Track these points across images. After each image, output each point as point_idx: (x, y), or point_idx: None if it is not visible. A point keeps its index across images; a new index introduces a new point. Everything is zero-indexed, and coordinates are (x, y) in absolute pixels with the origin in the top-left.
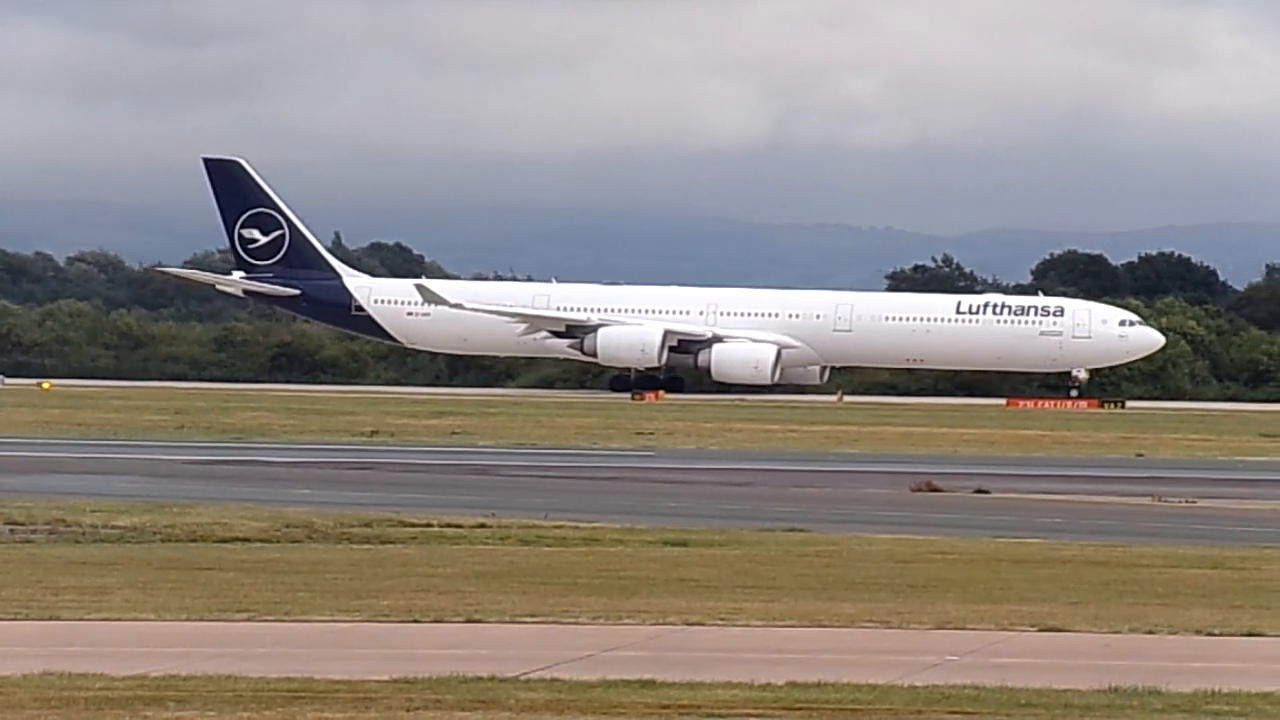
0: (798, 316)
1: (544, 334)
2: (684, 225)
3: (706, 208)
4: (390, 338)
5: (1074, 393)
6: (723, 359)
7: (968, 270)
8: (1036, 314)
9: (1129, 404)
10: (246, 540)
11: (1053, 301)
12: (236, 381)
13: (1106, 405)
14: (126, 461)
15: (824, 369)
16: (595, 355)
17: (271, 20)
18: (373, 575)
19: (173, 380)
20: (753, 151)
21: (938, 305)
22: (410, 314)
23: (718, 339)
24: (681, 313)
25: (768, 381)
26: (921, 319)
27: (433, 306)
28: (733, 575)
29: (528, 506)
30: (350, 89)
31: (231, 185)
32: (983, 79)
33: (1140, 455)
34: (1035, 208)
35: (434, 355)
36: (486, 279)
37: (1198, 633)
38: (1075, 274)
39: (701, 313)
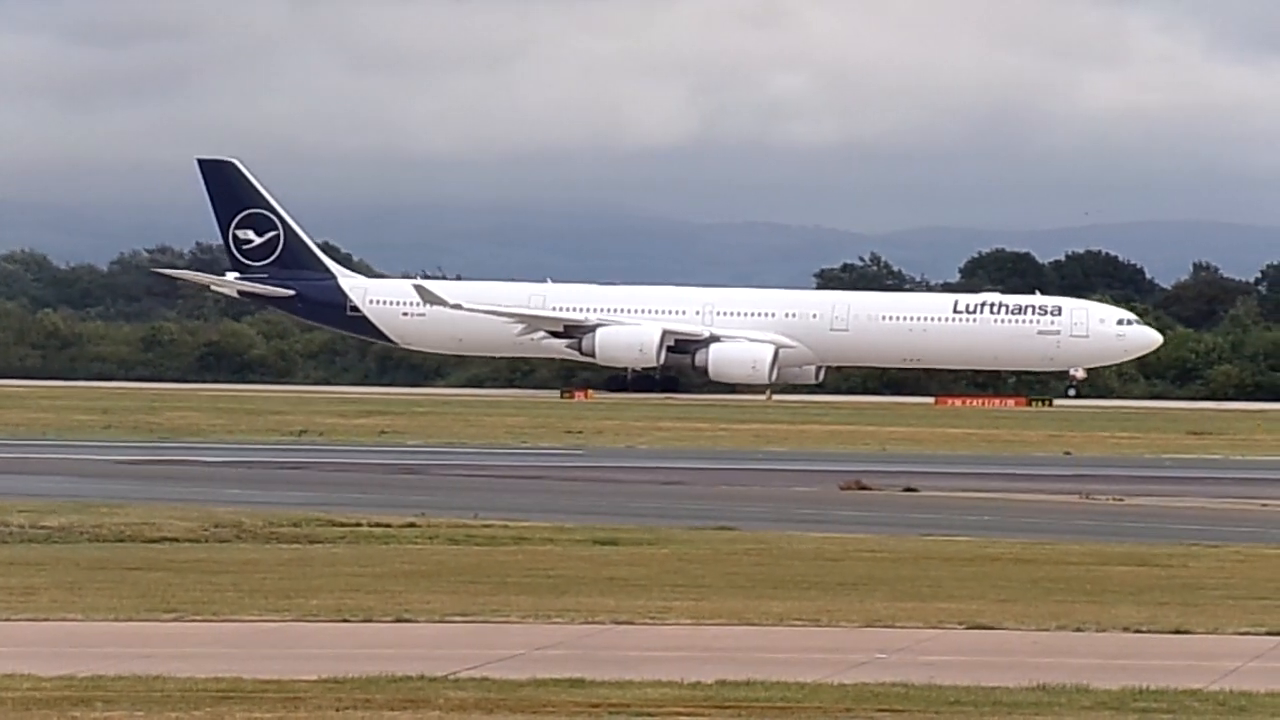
0: (794, 316)
1: (541, 334)
2: (613, 224)
3: (636, 206)
4: (385, 338)
5: (1072, 392)
6: (720, 359)
7: (896, 269)
8: (1034, 313)
9: (1056, 402)
10: (175, 540)
11: (1050, 300)
12: (164, 381)
13: (1034, 403)
14: (54, 461)
15: (819, 369)
16: (593, 355)
17: (198, 20)
18: (301, 575)
19: (100, 380)
20: (681, 150)
21: (935, 305)
22: (405, 314)
23: (715, 339)
24: (678, 312)
25: (765, 381)
26: (919, 318)
27: (428, 307)
28: (662, 574)
29: (457, 506)
30: (277, 88)
31: (226, 186)
32: (910, 77)
33: (1068, 453)
34: (963, 206)
35: (364, 353)
36: (412, 278)
37: (1125, 630)
38: (1003, 272)
39: (698, 312)
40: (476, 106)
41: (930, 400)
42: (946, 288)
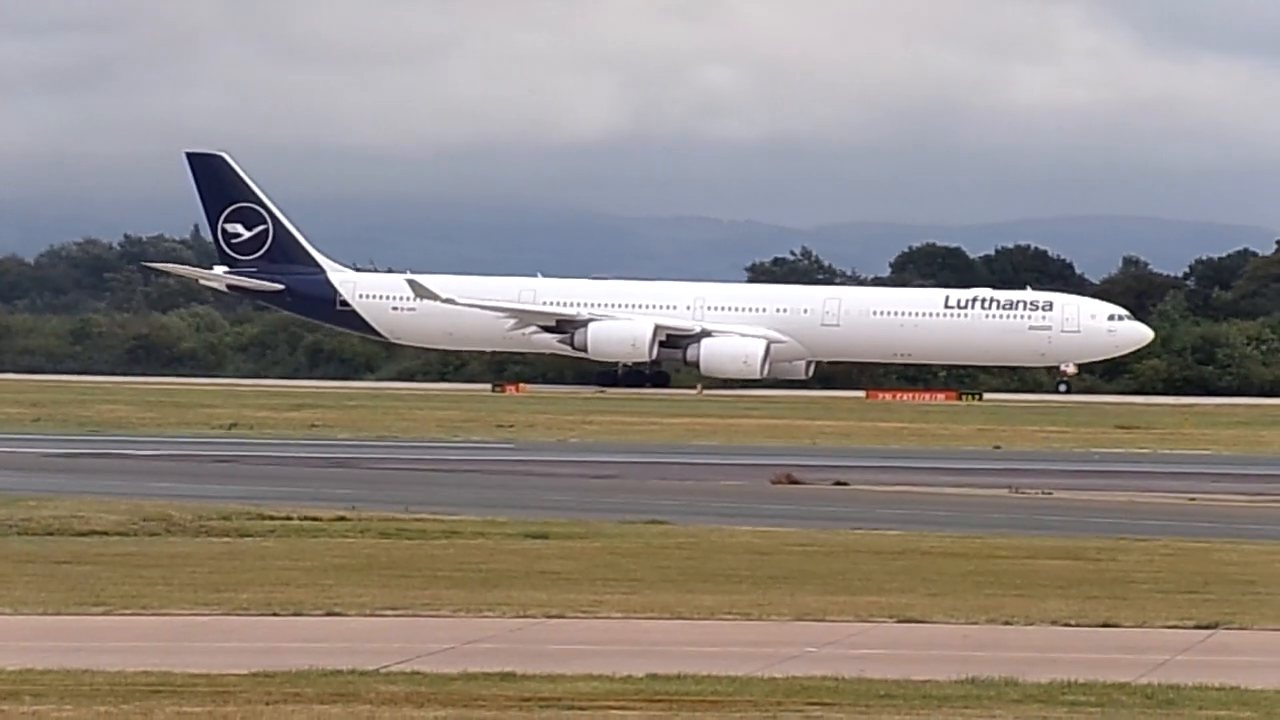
0: (785, 311)
1: (533, 329)
2: (545, 218)
3: (567, 200)
4: (375, 333)
5: (1062, 388)
6: (712, 354)
7: (826, 263)
8: (1025, 309)
9: (986, 396)
10: (104, 534)
11: (1041, 296)
12: (93, 374)
13: (964, 397)
14: None
15: (809, 364)
16: (585, 350)
17: (125, 12)
18: (231, 568)
19: (29, 373)
20: (612, 144)
21: (926, 300)
22: (395, 309)
23: (707, 334)
24: (669, 307)
25: (757, 376)
26: (910, 314)
27: (419, 301)
28: (593, 568)
29: (388, 499)
30: (206, 82)
31: (214, 180)
32: (841, 72)
33: (998, 447)
34: (893, 201)
35: (294, 347)
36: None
37: (1054, 624)
38: (934, 266)
39: (689, 307)
40: (408, 100)
41: (861, 394)
42: (877, 282)
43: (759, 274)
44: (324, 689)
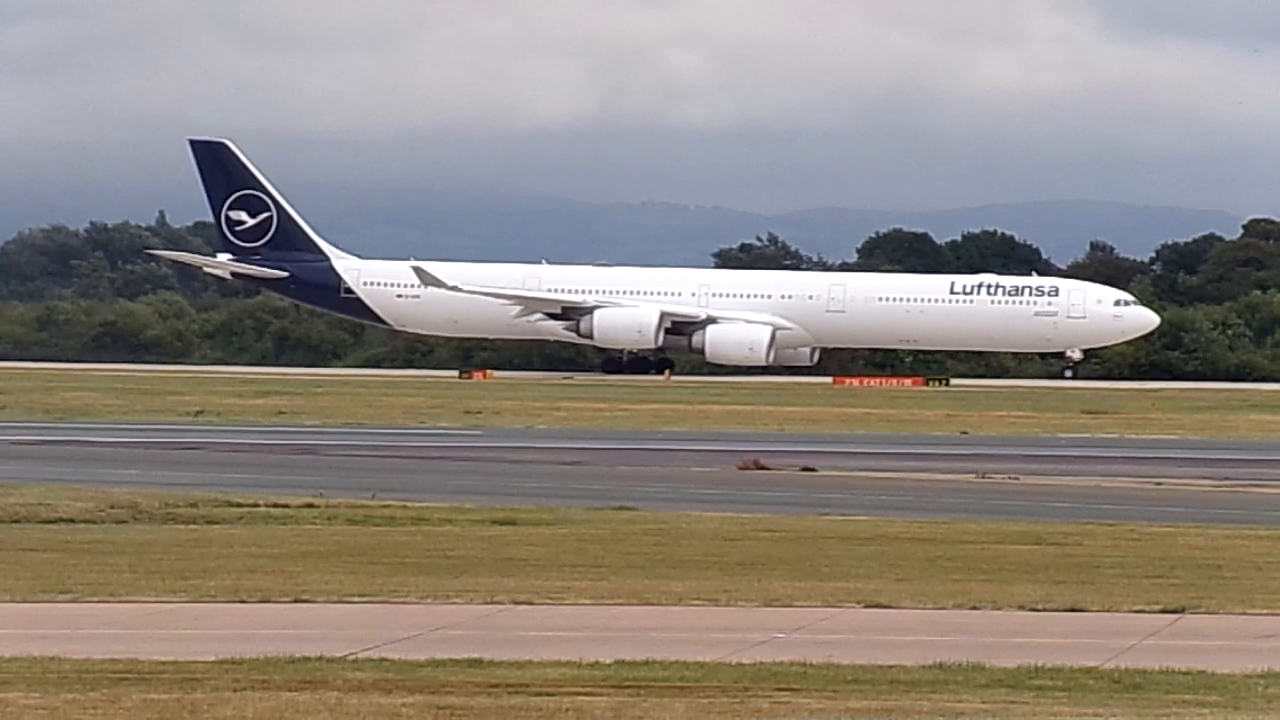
0: (790, 297)
1: (538, 316)
2: (510, 204)
3: (532, 186)
4: (380, 320)
5: (1068, 374)
6: (717, 340)
7: (794, 249)
8: (1031, 294)
9: (953, 381)
10: (71, 521)
11: (1047, 281)
12: (60, 361)
13: (931, 383)
14: None
15: (814, 350)
16: (591, 337)
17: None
18: (199, 556)
19: None
20: (577, 130)
21: (931, 286)
22: (400, 296)
23: (712, 320)
24: (674, 294)
25: (763, 362)
26: (915, 299)
27: (423, 288)
28: (561, 554)
29: (355, 486)
30: (169, 67)
31: (218, 167)
32: (806, 58)
33: (965, 433)
34: (860, 186)
35: (261, 334)
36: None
37: (1021, 608)
38: (901, 252)
39: (694, 294)
40: (370, 86)
41: (828, 380)
42: (844, 267)
43: (726, 260)
44: (291, 676)
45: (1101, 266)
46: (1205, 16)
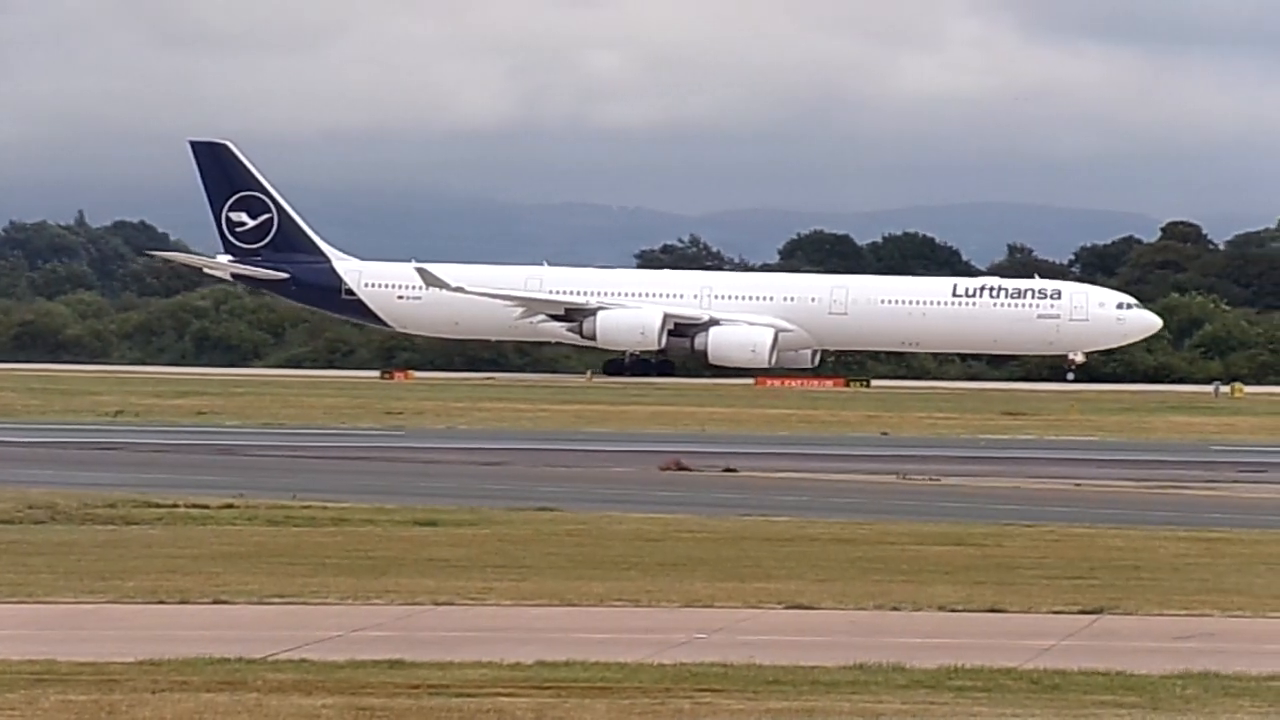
0: (793, 299)
1: (541, 317)
2: (433, 204)
3: (455, 187)
4: (381, 322)
5: (1070, 376)
6: (720, 342)
7: (715, 250)
8: (1033, 297)
9: (874, 383)
10: None
11: (1050, 284)
12: None
13: (852, 384)
14: None
15: (815, 352)
16: (594, 338)
17: None
18: (117, 556)
19: None
20: (501, 131)
21: (934, 288)
22: (401, 297)
23: (714, 322)
24: (676, 296)
25: (765, 365)
26: (917, 302)
27: (424, 290)
28: (482, 555)
29: (275, 487)
30: (90, 66)
31: (218, 168)
32: (729, 59)
33: (885, 434)
34: (782, 188)
35: (181, 334)
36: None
37: (941, 609)
38: (822, 253)
39: (696, 296)
40: (292, 86)
41: (750, 381)
42: (766, 268)
43: (648, 261)
44: (211, 677)
45: (1020, 268)
46: (1123, 20)
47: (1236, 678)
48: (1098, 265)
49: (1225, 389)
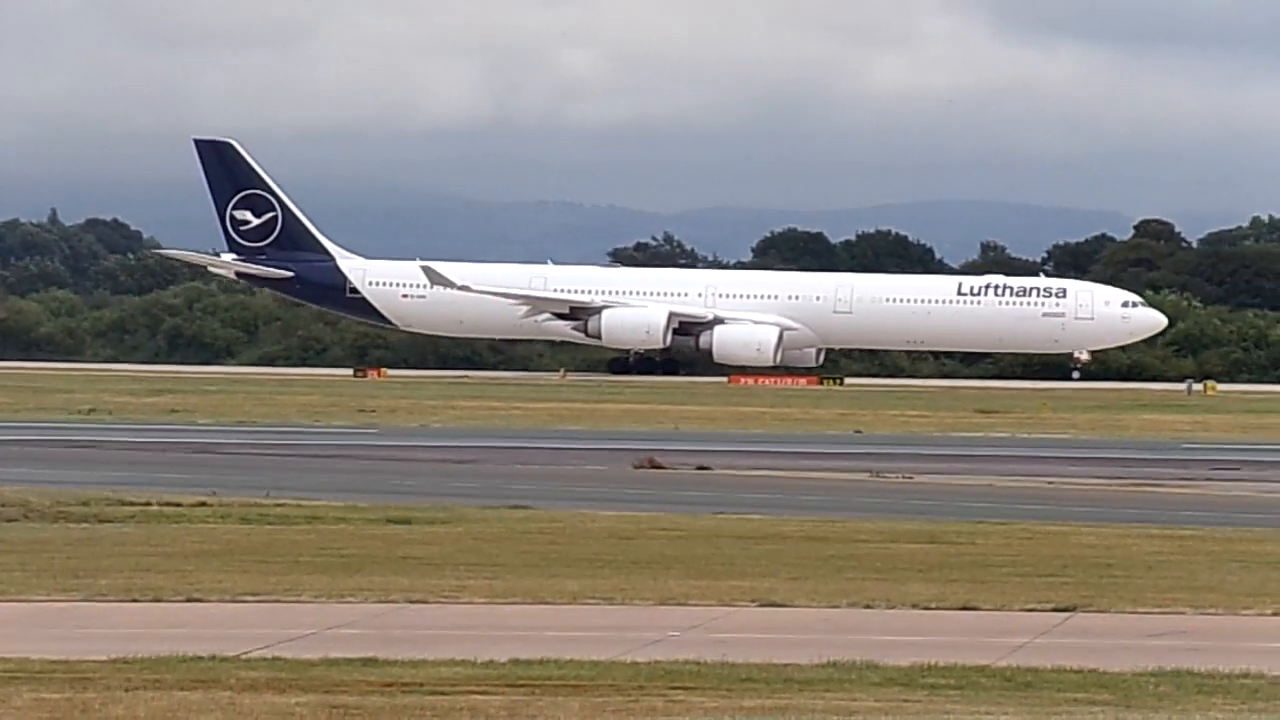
0: (797, 298)
1: (545, 316)
2: (406, 203)
3: (429, 185)
4: (385, 320)
5: (1076, 374)
6: (725, 341)
7: (689, 248)
8: (1039, 295)
9: (848, 381)
10: None
11: (1055, 283)
12: None
13: (825, 382)
14: None
15: (819, 351)
16: (599, 337)
17: None
18: (90, 554)
19: None
20: (474, 129)
21: (939, 287)
22: (405, 296)
23: (719, 321)
24: (680, 295)
25: (770, 363)
26: (922, 301)
27: (429, 288)
28: (456, 553)
29: (249, 485)
30: (62, 64)
31: (223, 166)
32: (702, 57)
33: (859, 432)
34: (755, 186)
35: (154, 332)
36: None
37: (914, 607)
38: (795, 251)
39: (700, 294)
40: (268, 84)
41: (723, 379)
42: (739, 266)
43: (621, 259)
44: (184, 675)
45: (993, 266)
46: (1097, 18)
47: (1209, 675)
48: (1070, 263)
49: (1198, 387)
